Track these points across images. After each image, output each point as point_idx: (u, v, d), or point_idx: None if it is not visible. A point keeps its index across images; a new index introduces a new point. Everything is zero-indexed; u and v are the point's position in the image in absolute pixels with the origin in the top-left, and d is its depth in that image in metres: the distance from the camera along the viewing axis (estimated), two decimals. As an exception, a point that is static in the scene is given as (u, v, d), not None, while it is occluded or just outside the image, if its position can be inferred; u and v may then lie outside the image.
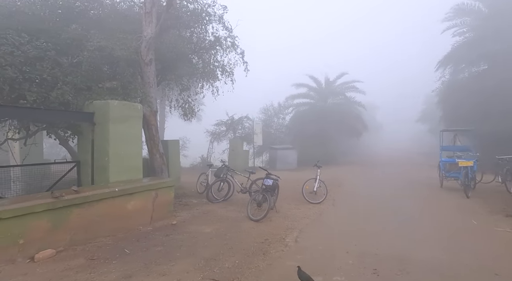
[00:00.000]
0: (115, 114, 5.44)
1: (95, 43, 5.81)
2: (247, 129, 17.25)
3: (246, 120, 17.11)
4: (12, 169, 5.64)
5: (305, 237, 4.87)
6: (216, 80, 9.98)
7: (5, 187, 5.28)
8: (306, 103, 21.00)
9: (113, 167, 5.42)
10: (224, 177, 7.66)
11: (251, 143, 16.85)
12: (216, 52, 9.10)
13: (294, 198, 7.90)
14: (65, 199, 4.09)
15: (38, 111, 4.92)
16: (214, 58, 9.20)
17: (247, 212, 5.95)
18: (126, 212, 4.99)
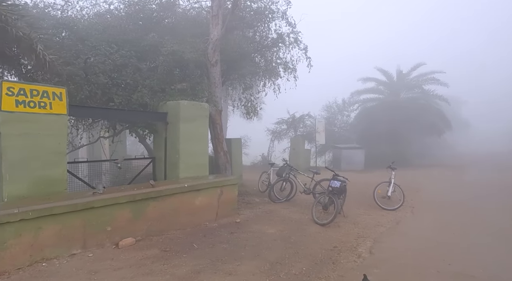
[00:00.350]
0: (184, 113, 5.74)
1: (168, 48, 6.24)
2: (308, 128, 16.75)
3: (307, 118, 16.62)
4: (103, 163, 6.42)
5: (382, 248, 4.35)
6: (278, 78, 9.86)
7: (97, 179, 6.06)
8: (374, 98, 19.26)
9: (182, 164, 5.73)
10: (287, 176, 7.47)
11: (313, 142, 16.28)
12: (278, 49, 8.96)
13: (363, 203, 7.26)
14: (143, 193, 4.45)
15: (122, 112, 5.51)
16: (277, 55, 9.08)
17: (312, 215, 5.65)
18: (194, 208, 5.22)
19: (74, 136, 7.42)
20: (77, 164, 5.40)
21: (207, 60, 7.24)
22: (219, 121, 7.76)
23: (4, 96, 3.56)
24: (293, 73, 9.37)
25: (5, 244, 3.17)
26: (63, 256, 3.61)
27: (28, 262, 3.35)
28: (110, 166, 6.24)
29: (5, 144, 3.61)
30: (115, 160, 5.61)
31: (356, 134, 18.31)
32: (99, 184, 4.20)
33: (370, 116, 17.45)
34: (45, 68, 4.28)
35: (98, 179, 6.14)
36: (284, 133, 16.92)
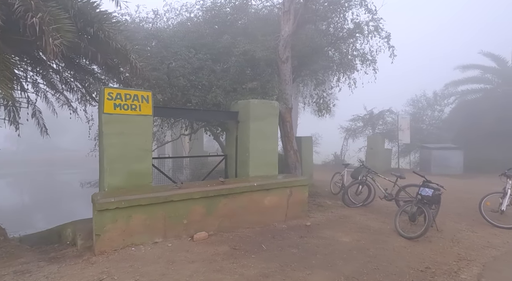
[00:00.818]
0: (254, 112, 5.76)
1: (240, 48, 6.37)
2: (389, 125, 15.07)
3: (388, 114, 14.95)
4: (184, 159, 7.00)
5: (496, 278, 3.48)
6: (353, 72, 9.08)
7: (179, 173, 6.64)
8: (478, 89, 15.87)
9: (252, 162, 5.77)
10: (363, 179, 6.79)
11: (395, 141, 14.58)
12: (355, 40, 8.21)
13: (464, 216, 6.07)
14: (215, 189, 4.63)
15: (198, 111, 5.86)
16: (353, 47, 8.34)
17: (395, 225, 4.96)
18: (262, 207, 5.19)
19: (160, 134, 8.38)
20: (161, 159, 6.01)
21: (278, 57, 7.13)
22: (289, 119, 7.59)
23: (106, 100, 4.16)
24: (372, 65, 8.46)
25: (104, 228, 3.70)
26: (148, 243, 4.01)
27: (122, 245, 3.83)
28: (190, 162, 6.75)
29: (106, 142, 4.23)
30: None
31: (451, 132, 15.59)
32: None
33: (471, 111, 14.46)
34: (137, 74, 4.85)
35: (179, 173, 6.74)
36: (359, 131, 15.64)
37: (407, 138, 14.41)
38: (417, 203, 4.86)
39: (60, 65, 5.19)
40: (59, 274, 3.23)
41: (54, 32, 3.27)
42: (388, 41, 8.34)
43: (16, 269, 3.40)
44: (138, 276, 3.20)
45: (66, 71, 5.41)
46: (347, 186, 6.96)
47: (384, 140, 14.26)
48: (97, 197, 3.81)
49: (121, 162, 4.35)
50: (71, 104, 5.94)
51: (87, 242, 3.99)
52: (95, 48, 4.48)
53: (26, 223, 8.04)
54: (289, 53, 7.15)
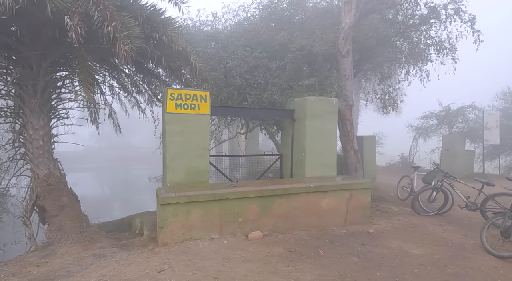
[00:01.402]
0: (311, 110, 5.48)
1: (297, 44, 6.15)
2: (471, 123, 12.97)
3: (470, 110, 12.85)
4: (239, 157, 7.10)
5: None
6: (426, 63, 8.02)
7: (235, 171, 6.75)
8: None
9: (308, 162, 5.51)
10: (439, 184, 5.92)
11: (479, 141, 12.50)
12: (429, 27, 7.22)
13: None
14: (270, 189, 4.52)
15: (253, 110, 5.84)
16: (426, 35, 7.35)
17: (482, 240, 4.16)
18: (319, 210, 4.90)
19: (217, 132, 8.68)
20: (219, 157, 6.19)
21: (338, 51, 6.69)
22: (349, 117, 7.06)
23: (168, 100, 4.41)
24: (451, 54, 7.34)
25: (166, 221, 3.91)
26: (205, 239, 4.12)
27: (181, 239, 4.01)
28: (246, 160, 6.81)
29: (168, 140, 4.49)
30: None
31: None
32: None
33: None
34: (196, 75, 5.06)
35: (236, 171, 6.85)
36: (433, 130, 13.81)
37: (495, 138, 12.20)
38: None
39: (131, 69, 5.75)
40: (128, 261, 3.52)
41: (125, 39, 3.57)
42: (473, 25, 7.14)
43: (94, 252, 3.83)
44: (195, 270, 3.28)
45: (136, 75, 5.98)
46: (418, 191, 6.16)
47: (464, 140, 12.32)
48: (160, 191, 4.06)
49: (182, 159, 4.57)
50: (140, 105, 6.55)
51: (152, 233, 4.29)
52: (160, 52, 4.81)
53: (103, 211, 9.22)
54: (350, 46, 6.64)
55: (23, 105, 4.63)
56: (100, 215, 6.87)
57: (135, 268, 3.29)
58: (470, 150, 12.69)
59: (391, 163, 16.18)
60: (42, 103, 4.65)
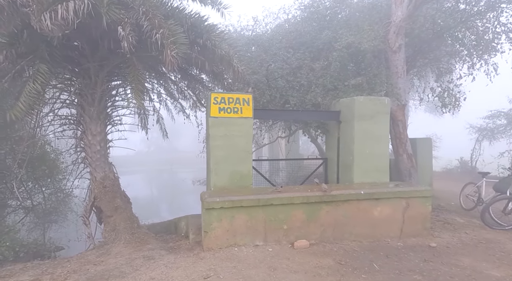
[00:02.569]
0: (360, 110, 5.10)
1: (343, 41, 5.81)
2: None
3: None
4: (280, 162, 6.92)
5: None
6: (494, 54, 7.02)
7: (276, 175, 6.59)
8: None
9: (357, 167, 5.11)
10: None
11: None
12: (499, 12, 6.32)
13: None
14: (316, 195, 4.27)
15: (296, 112, 5.63)
16: (495, 22, 6.44)
17: None
18: (371, 219, 4.49)
19: (258, 136, 8.61)
20: (260, 161, 6.08)
21: (388, 47, 6.18)
22: (402, 118, 6.46)
23: (212, 105, 4.43)
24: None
25: (211, 226, 3.89)
26: (249, 245, 4.01)
27: (226, 244, 3.95)
28: (286, 165, 6.61)
29: (212, 144, 4.50)
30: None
31: None
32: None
33: None
34: (239, 78, 5.04)
35: (276, 175, 6.68)
36: (500, 131, 12.12)
37: None
38: None
39: (177, 76, 5.96)
40: (175, 264, 3.55)
41: (171, 45, 3.66)
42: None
43: (144, 254, 3.95)
44: (241, 278, 3.18)
45: (181, 81, 6.18)
46: (490, 202, 5.36)
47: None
48: (205, 196, 4.06)
49: (225, 163, 4.54)
50: (184, 110, 6.76)
51: (197, 236, 4.31)
52: (203, 57, 4.88)
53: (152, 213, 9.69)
54: (402, 41, 6.09)
55: (83, 113, 5.04)
56: (148, 216, 7.21)
57: (182, 273, 3.29)
58: (551, 153, 10.85)
59: (448, 168, 14.60)
60: (99, 110, 5.01)
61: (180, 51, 4.06)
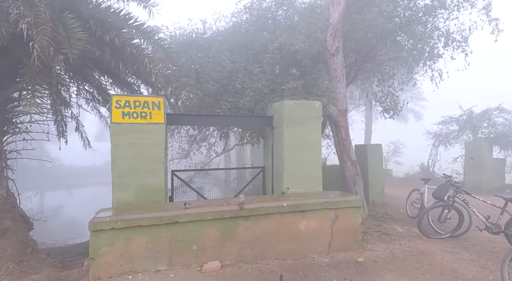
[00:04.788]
0: (290, 115, 4.76)
1: (275, 43, 5.50)
2: (500, 127, 11.46)
3: (497, 113, 11.38)
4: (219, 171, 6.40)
5: None
6: (436, 60, 7.03)
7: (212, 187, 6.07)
8: None
9: (287, 176, 4.74)
10: (450, 201, 4.90)
11: (509, 148, 10.97)
12: (433, 17, 6.31)
13: None
14: (231, 210, 3.81)
15: (226, 117, 5.24)
16: (432, 26, 6.43)
17: (503, 277, 3.17)
18: (297, 233, 4.09)
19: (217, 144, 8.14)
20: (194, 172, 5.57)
21: (326, 50, 5.96)
22: (344, 123, 6.22)
23: (114, 109, 3.90)
24: (461, 46, 6.36)
25: (100, 251, 3.30)
26: (149, 271, 3.46)
27: (119, 272, 3.37)
28: (225, 175, 6.14)
29: (115, 154, 3.95)
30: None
31: None
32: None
33: None
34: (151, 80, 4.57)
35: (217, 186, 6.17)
36: (454, 137, 12.38)
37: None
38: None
39: (74, 77, 5.24)
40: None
41: (41, 36, 3.10)
42: (488, 13, 6.15)
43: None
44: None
45: (82, 83, 5.48)
46: (426, 209, 5.16)
47: (492, 147, 10.86)
48: (97, 215, 3.48)
49: (131, 175, 3.99)
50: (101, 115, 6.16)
51: (91, 262, 3.70)
52: (111, 56, 4.35)
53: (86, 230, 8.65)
54: (339, 44, 5.88)
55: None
56: (82, 235, 6.43)
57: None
58: (500, 158, 11.16)
59: (409, 173, 14.77)
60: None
61: (75, 48, 3.54)
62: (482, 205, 4.84)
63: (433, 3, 6.29)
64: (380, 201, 8.02)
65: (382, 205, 7.81)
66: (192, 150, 10.59)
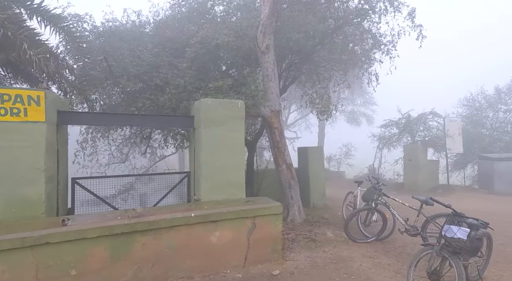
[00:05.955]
0: (208, 115, 4.33)
1: (198, 36, 5.07)
2: (434, 130, 12.25)
3: (431, 117, 12.15)
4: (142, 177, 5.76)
5: None
6: (371, 63, 7.14)
7: (135, 195, 5.42)
8: None
9: (206, 181, 4.30)
10: (371, 205, 4.83)
11: (442, 151, 11.73)
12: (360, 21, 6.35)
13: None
14: (125, 224, 3.25)
15: (139, 117, 4.52)
16: (363, 29, 6.48)
17: (408, 279, 3.03)
18: (208, 247, 3.65)
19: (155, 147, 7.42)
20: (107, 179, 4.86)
21: (257, 47, 5.66)
22: (278, 125, 5.97)
23: (-28, 104, 3.14)
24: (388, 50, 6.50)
25: None
26: (5, 306, 2.76)
27: (-40, 310, 2.64)
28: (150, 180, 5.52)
29: (-26, 159, 3.18)
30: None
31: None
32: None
33: None
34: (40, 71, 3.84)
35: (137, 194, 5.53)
36: (396, 139, 12.99)
37: (458, 147, 11.50)
38: (441, 250, 2.87)
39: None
40: None
41: None
42: (413, 19, 6.34)
43: None
44: None
45: None
46: (351, 214, 5.04)
47: (426, 149, 11.51)
48: None
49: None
50: None
51: None
52: None
53: None
54: (269, 41, 5.62)
55: None
56: None
57: None
58: (434, 160, 11.90)
59: (359, 175, 15.24)
60: None
61: None
62: (404, 208, 4.83)
63: (363, 6, 6.33)
64: (321, 204, 7.94)
65: (323, 209, 7.73)
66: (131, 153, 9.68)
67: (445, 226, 2.90)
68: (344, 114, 22.85)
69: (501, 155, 10.91)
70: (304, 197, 7.91)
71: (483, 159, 11.14)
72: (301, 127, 23.93)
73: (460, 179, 13.10)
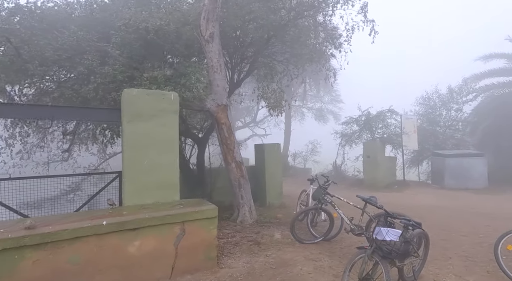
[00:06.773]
0: (134, 107, 3.81)
1: (125, 18, 4.48)
2: (392, 128, 12.55)
3: (389, 115, 12.43)
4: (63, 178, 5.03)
5: None
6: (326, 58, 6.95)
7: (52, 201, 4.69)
8: (505, 83, 12.55)
9: (130, 183, 3.78)
10: (318, 204, 4.60)
11: (400, 147, 12.04)
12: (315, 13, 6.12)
13: (475, 261, 3.75)
14: (8, 238, 2.65)
15: (51, 108, 3.90)
16: (315, 22, 6.26)
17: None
18: (125, 259, 3.15)
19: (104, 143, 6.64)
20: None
21: (200, 35, 5.18)
22: (225, 120, 5.55)
23: None
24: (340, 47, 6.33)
25: None
26: None
27: None
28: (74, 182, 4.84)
29: None
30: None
31: (475, 135, 12.77)
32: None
33: (500, 110, 11.45)
34: None
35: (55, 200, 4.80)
36: (357, 136, 13.16)
37: (413, 144, 11.87)
38: (373, 253, 2.63)
39: None
40: None
41: None
42: (365, 14, 6.21)
43: None
44: None
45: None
46: (296, 214, 4.79)
47: (384, 146, 11.75)
48: None
49: None
50: None
51: None
52: None
53: None
54: (214, 29, 5.17)
55: None
56: None
57: None
58: (392, 156, 12.19)
59: (323, 172, 15.31)
60: None
61: None
62: (347, 208, 4.65)
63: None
64: (278, 203, 7.67)
65: (279, 207, 7.46)
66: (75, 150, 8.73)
67: (376, 229, 2.66)
68: (312, 111, 23.04)
69: (451, 151, 11.41)
70: (260, 196, 7.61)
71: (436, 155, 11.59)
72: (270, 124, 23.81)
73: (416, 175, 13.59)
